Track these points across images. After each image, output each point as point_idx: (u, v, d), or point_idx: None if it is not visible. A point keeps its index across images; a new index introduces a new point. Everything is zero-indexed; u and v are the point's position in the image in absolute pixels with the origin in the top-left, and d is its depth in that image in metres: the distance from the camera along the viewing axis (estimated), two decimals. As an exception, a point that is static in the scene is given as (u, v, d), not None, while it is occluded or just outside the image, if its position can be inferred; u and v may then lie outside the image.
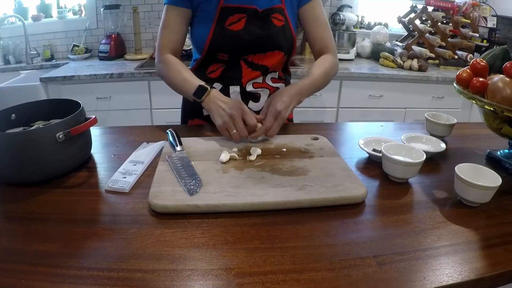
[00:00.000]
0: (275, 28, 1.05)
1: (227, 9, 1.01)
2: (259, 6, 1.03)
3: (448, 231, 0.64)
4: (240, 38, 1.02)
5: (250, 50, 1.05)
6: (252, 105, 1.11)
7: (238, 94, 1.09)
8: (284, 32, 1.07)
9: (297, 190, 0.72)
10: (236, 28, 1.02)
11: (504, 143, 0.96)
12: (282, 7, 1.07)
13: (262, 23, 1.03)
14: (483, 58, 0.93)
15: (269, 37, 1.05)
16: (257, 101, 1.11)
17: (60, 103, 0.91)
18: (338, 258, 0.57)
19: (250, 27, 1.02)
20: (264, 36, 1.04)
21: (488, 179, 0.72)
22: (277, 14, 1.05)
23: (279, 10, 1.06)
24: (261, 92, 1.11)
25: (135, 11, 2.55)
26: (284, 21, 1.07)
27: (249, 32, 1.02)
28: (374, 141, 0.94)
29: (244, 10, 1.02)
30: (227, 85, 1.08)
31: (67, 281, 0.51)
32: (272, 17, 1.04)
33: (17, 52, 2.55)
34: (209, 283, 0.52)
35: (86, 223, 0.64)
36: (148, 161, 0.86)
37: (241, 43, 1.03)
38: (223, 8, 1.01)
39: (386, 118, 2.39)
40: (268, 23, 1.04)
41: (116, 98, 2.22)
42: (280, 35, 1.06)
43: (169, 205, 0.67)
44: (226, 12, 1.02)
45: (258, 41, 1.04)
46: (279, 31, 1.06)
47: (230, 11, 1.02)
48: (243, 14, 1.02)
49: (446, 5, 2.54)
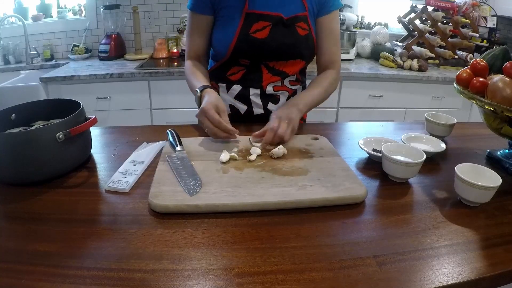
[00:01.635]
0: (299, 38, 1.04)
1: (252, 15, 1.01)
2: (284, 13, 1.02)
3: (448, 231, 0.64)
4: (264, 46, 1.02)
5: (273, 58, 1.06)
6: (271, 106, 1.11)
7: (258, 96, 1.09)
8: (307, 41, 1.06)
9: (297, 190, 0.72)
10: (260, 36, 1.01)
11: (504, 143, 0.96)
12: (306, 15, 1.05)
13: (286, 31, 1.03)
14: (483, 58, 0.93)
15: (293, 46, 1.04)
16: (277, 103, 1.12)
17: (60, 103, 0.91)
18: (338, 258, 0.57)
19: (275, 35, 1.02)
20: (288, 45, 1.04)
21: (488, 179, 0.72)
22: (301, 23, 1.04)
23: (303, 18, 1.05)
24: (281, 95, 1.12)
25: (135, 11, 2.55)
26: (308, 30, 1.06)
27: (273, 41, 1.02)
28: (374, 141, 0.94)
29: (269, 18, 1.01)
30: (248, 87, 1.09)
31: (67, 281, 0.51)
32: (297, 26, 1.04)
33: (17, 52, 2.55)
34: (209, 283, 0.52)
35: (86, 223, 0.64)
36: (148, 161, 0.86)
37: (265, 51, 1.03)
38: (248, 14, 1.00)
39: (386, 118, 2.39)
40: (292, 31, 1.03)
41: (116, 98, 2.22)
42: (303, 45, 1.06)
43: (169, 205, 0.67)
44: (251, 18, 1.01)
45: (282, 50, 1.04)
46: (302, 41, 1.05)
47: (255, 18, 1.01)
48: (268, 22, 1.01)
49: (446, 5, 2.54)
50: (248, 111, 1.11)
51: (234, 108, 1.12)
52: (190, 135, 0.99)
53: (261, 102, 1.09)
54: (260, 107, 1.10)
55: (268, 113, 1.03)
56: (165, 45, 2.60)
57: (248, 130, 1.01)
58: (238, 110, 1.12)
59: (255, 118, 1.10)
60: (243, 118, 1.12)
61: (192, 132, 1.05)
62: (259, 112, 1.10)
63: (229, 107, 1.12)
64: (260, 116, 1.10)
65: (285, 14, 1.02)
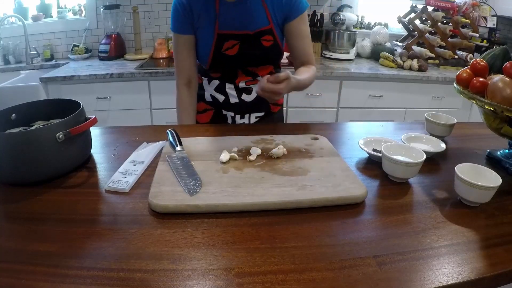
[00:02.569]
0: (265, 49, 1.17)
1: (223, 35, 1.14)
2: (250, 29, 1.14)
3: (448, 231, 0.64)
4: (235, 61, 1.17)
5: (244, 66, 1.20)
6: (245, 97, 1.25)
7: (233, 89, 1.24)
8: (273, 50, 1.19)
9: (297, 190, 0.72)
10: (231, 53, 1.15)
11: (504, 143, 0.96)
12: (271, 27, 1.16)
13: (253, 45, 1.15)
14: (483, 58, 0.93)
15: (260, 56, 1.18)
16: (250, 94, 1.25)
17: (60, 103, 0.91)
18: (338, 258, 0.57)
19: (243, 51, 1.15)
20: (256, 56, 1.18)
21: (488, 179, 0.72)
22: (266, 36, 1.16)
23: (268, 31, 1.16)
24: (253, 87, 1.24)
25: (135, 11, 2.55)
26: (273, 40, 1.17)
27: (242, 55, 1.16)
28: (374, 141, 0.94)
29: (237, 37, 1.14)
30: (224, 82, 1.24)
31: (67, 281, 0.51)
32: (262, 39, 1.16)
33: (17, 52, 2.55)
34: (209, 283, 0.52)
35: (86, 223, 0.64)
36: (148, 161, 0.86)
37: (236, 64, 1.19)
38: (220, 34, 1.14)
39: (386, 118, 2.39)
40: (258, 44, 1.16)
41: (116, 98, 2.22)
42: (270, 54, 1.19)
43: (169, 205, 0.67)
44: (222, 38, 1.14)
45: (251, 61, 1.19)
46: (268, 51, 1.18)
47: (226, 37, 1.14)
48: (237, 41, 1.14)
49: (446, 5, 2.54)
50: (226, 101, 1.26)
51: (214, 97, 1.27)
52: (190, 135, 0.99)
53: (236, 94, 1.24)
54: (235, 97, 1.25)
55: (242, 102, 1.24)
56: (165, 45, 2.60)
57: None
58: (217, 100, 1.27)
59: (231, 106, 1.26)
60: (222, 105, 1.27)
61: (192, 132, 1.05)
62: (234, 101, 1.25)
63: (210, 96, 1.28)
64: (236, 105, 1.26)
65: (251, 30, 1.14)
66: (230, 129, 1.14)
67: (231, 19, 1.13)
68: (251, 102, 1.25)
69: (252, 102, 1.25)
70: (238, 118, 1.28)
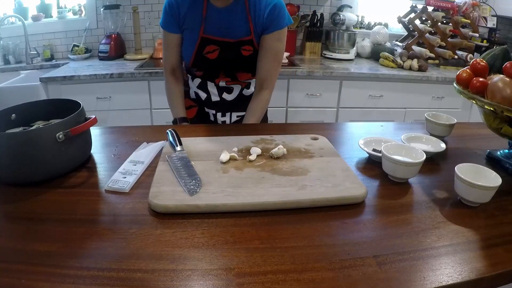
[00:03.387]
0: (243, 58, 1.20)
1: (206, 39, 1.18)
2: (232, 38, 1.18)
3: (448, 231, 0.64)
4: (215, 64, 1.22)
5: (224, 70, 1.24)
6: (226, 96, 1.30)
7: (214, 87, 1.28)
8: (251, 59, 1.22)
9: (297, 190, 0.72)
10: (211, 57, 1.20)
11: (504, 143, 0.96)
12: (251, 38, 1.18)
13: (232, 53, 1.19)
14: (483, 58, 0.93)
15: (239, 64, 1.22)
16: (231, 93, 1.30)
17: (60, 103, 0.91)
18: (338, 258, 0.57)
19: (222, 56, 1.20)
20: (234, 63, 1.22)
21: (488, 179, 0.72)
22: (246, 46, 1.19)
23: (248, 41, 1.19)
24: (234, 87, 1.29)
25: (135, 11, 2.55)
26: (252, 51, 1.20)
27: (221, 61, 1.21)
28: (374, 141, 0.94)
29: (218, 43, 1.18)
30: (206, 81, 1.28)
31: (67, 281, 0.51)
32: (242, 49, 1.19)
33: (17, 52, 2.55)
34: (209, 283, 0.52)
35: (86, 223, 0.64)
36: (148, 161, 0.86)
37: (216, 68, 1.24)
38: (203, 37, 1.18)
39: (386, 118, 2.39)
40: (237, 53, 1.19)
41: (116, 98, 2.22)
42: (248, 63, 1.22)
43: (169, 205, 0.67)
44: (205, 41, 1.18)
45: (229, 67, 1.23)
46: (246, 60, 1.21)
47: (208, 42, 1.18)
48: (217, 46, 1.18)
49: (446, 5, 2.54)
50: (208, 99, 1.31)
51: (198, 95, 1.32)
52: (190, 135, 0.99)
53: (217, 92, 1.29)
54: (216, 95, 1.29)
55: (223, 101, 1.29)
56: (165, 45, 2.59)
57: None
58: (200, 97, 1.32)
59: (213, 104, 1.31)
60: (204, 103, 1.32)
61: (192, 132, 1.05)
62: (216, 100, 1.30)
63: (194, 93, 1.33)
64: (217, 103, 1.31)
65: (232, 38, 1.18)
66: (230, 129, 1.14)
67: (216, 24, 1.16)
68: (232, 101, 1.30)
69: (232, 101, 1.30)
70: (219, 116, 1.32)
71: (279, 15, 1.15)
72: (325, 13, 2.78)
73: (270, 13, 1.14)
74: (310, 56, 2.77)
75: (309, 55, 2.76)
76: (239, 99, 1.30)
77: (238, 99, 1.30)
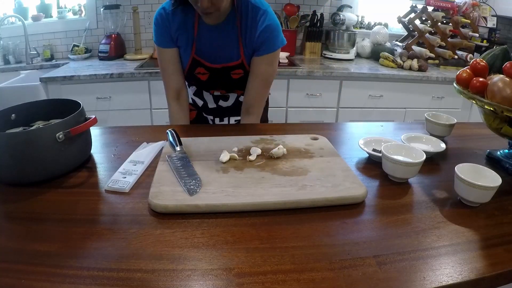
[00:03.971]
0: (233, 81, 1.19)
1: (196, 61, 1.16)
2: (220, 63, 1.15)
3: (448, 231, 0.64)
4: (206, 85, 1.22)
5: (216, 89, 1.24)
6: (222, 103, 1.28)
7: (210, 95, 1.26)
8: (242, 81, 1.19)
9: (297, 190, 0.72)
10: (202, 78, 1.19)
11: (504, 143, 0.96)
12: (242, 60, 1.15)
13: (222, 77, 1.18)
14: (483, 58, 0.93)
15: (229, 86, 1.22)
16: (227, 100, 1.28)
17: (60, 103, 0.91)
18: (338, 258, 0.57)
19: (212, 79, 1.19)
20: (225, 85, 1.21)
21: (488, 179, 0.72)
22: (236, 70, 1.17)
23: (238, 65, 1.16)
24: (230, 94, 1.27)
25: (135, 11, 2.55)
26: (243, 73, 1.18)
27: (212, 83, 1.20)
28: (374, 141, 0.94)
29: (207, 68, 1.16)
30: (201, 90, 1.27)
31: (67, 281, 0.51)
32: (231, 73, 1.17)
33: (17, 52, 2.54)
34: (209, 283, 0.52)
35: (86, 223, 0.64)
36: (148, 161, 0.86)
37: (207, 87, 1.24)
38: (194, 58, 1.16)
39: (386, 118, 2.39)
40: (227, 76, 1.18)
41: (116, 98, 2.22)
42: (239, 84, 1.20)
43: (169, 205, 0.67)
44: (196, 63, 1.16)
45: (221, 88, 1.23)
46: (237, 82, 1.19)
47: (198, 64, 1.16)
48: (207, 71, 1.17)
49: (446, 5, 2.54)
50: (204, 105, 1.30)
51: (195, 101, 1.32)
52: (190, 135, 0.99)
53: (213, 100, 1.28)
54: (212, 103, 1.29)
55: (219, 108, 1.28)
56: (165, 45, 2.60)
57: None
58: (197, 104, 1.32)
59: (210, 110, 1.30)
60: (201, 109, 1.32)
61: (192, 132, 1.05)
62: (212, 107, 1.29)
63: (191, 99, 1.32)
64: (214, 109, 1.30)
65: (221, 64, 1.15)
66: (230, 129, 1.14)
67: (207, 45, 1.13)
68: (229, 107, 1.28)
69: (229, 107, 1.28)
70: (217, 121, 1.32)
71: (271, 36, 1.08)
72: (325, 13, 2.78)
73: (262, 34, 1.07)
74: (310, 56, 2.77)
75: (309, 55, 2.76)
76: (236, 104, 1.28)
77: (235, 104, 1.28)
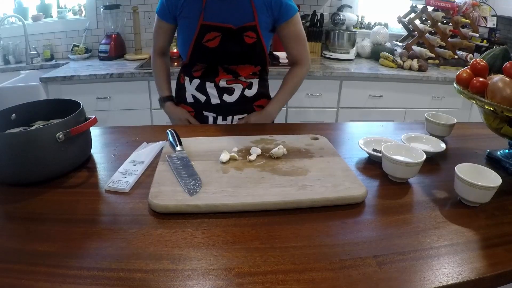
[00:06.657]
0: (246, 46, 1.17)
1: (206, 26, 1.14)
2: (234, 24, 1.14)
3: (448, 231, 0.64)
4: (215, 54, 1.17)
5: (225, 62, 1.20)
6: (226, 97, 1.25)
7: (213, 88, 1.23)
8: (254, 49, 1.18)
9: (297, 190, 0.72)
10: (211, 45, 1.15)
11: (504, 143, 0.96)
12: (255, 23, 1.16)
13: (235, 40, 1.15)
14: (483, 58, 0.93)
15: (240, 54, 1.18)
16: (231, 94, 1.25)
17: (60, 103, 0.91)
18: (338, 258, 0.57)
19: (224, 44, 1.15)
20: (236, 52, 1.17)
21: (488, 179, 0.72)
22: (249, 32, 1.16)
23: (252, 27, 1.16)
24: (235, 87, 1.24)
25: (135, 11, 2.55)
26: (255, 38, 1.17)
27: (222, 49, 1.16)
28: (374, 141, 0.94)
29: (220, 29, 1.14)
30: (205, 81, 1.23)
31: (67, 281, 0.51)
32: (245, 35, 1.15)
33: (17, 52, 2.54)
34: (209, 283, 0.52)
35: (86, 223, 0.64)
36: (148, 161, 0.86)
37: (216, 57, 1.18)
38: (203, 25, 1.14)
39: (386, 118, 2.39)
40: (240, 40, 1.15)
41: (116, 98, 2.22)
42: (250, 52, 1.19)
43: (169, 205, 0.67)
44: (205, 29, 1.14)
45: (231, 57, 1.19)
46: (249, 49, 1.18)
47: (208, 29, 1.14)
48: (219, 33, 1.14)
49: (446, 5, 2.53)
50: (207, 101, 1.25)
51: (196, 98, 1.26)
52: (190, 135, 0.99)
53: (217, 94, 1.23)
54: (216, 97, 1.24)
55: (224, 103, 1.24)
56: (165, 45, 2.60)
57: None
58: (199, 100, 1.26)
59: (212, 107, 1.25)
60: (203, 106, 1.27)
61: (192, 132, 1.05)
62: (216, 102, 1.24)
63: (192, 97, 1.27)
64: (217, 106, 1.25)
65: (235, 24, 1.14)
66: (230, 129, 1.14)
67: (217, 11, 1.14)
68: (233, 103, 1.24)
69: (234, 103, 1.24)
70: (220, 120, 1.26)
71: (287, 2, 1.16)
72: (325, 13, 2.78)
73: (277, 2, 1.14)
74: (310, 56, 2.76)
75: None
76: (240, 100, 1.24)
77: (239, 100, 1.24)
